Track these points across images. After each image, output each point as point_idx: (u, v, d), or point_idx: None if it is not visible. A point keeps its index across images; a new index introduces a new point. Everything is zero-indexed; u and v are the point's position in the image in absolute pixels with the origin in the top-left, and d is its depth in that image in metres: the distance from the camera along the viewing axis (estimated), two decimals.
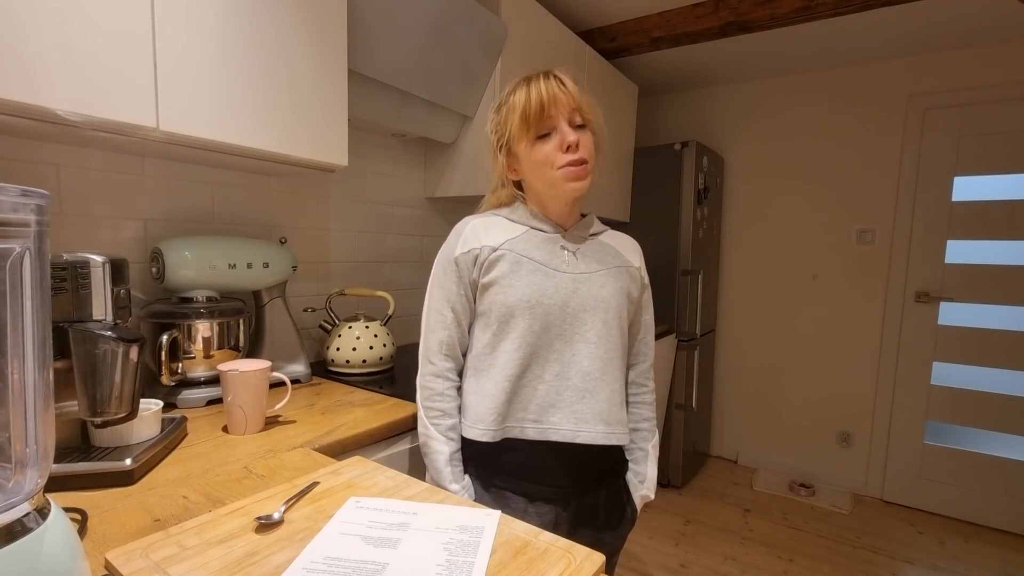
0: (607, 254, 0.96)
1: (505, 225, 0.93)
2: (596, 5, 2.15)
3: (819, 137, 2.80)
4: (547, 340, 0.88)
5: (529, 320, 0.87)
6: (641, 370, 1.03)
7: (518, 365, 0.87)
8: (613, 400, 0.91)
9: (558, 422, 0.88)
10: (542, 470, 0.90)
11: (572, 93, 0.88)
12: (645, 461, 1.00)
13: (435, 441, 0.91)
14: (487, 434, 0.88)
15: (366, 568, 0.52)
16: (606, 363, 0.90)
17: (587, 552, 0.56)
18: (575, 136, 0.86)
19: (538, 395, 0.88)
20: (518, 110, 0.88)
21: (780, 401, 2.98)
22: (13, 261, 0.40)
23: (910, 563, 2.15)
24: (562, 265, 0.90)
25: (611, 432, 0.90)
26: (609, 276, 0.92)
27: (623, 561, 2.10)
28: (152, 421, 0.84)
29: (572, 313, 0.88)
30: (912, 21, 2.18)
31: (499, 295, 0.88)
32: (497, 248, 0.89)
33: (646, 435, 1.01)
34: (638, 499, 0.99)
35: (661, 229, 2.71)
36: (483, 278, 0.90)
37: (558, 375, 0.88)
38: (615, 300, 0.91)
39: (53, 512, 0.44)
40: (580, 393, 0.88)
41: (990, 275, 2.44)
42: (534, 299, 0.87)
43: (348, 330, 1.38)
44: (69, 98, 0.79)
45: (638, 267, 0.99)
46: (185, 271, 1.08)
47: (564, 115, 0.87)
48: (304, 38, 1.13)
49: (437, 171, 1.87)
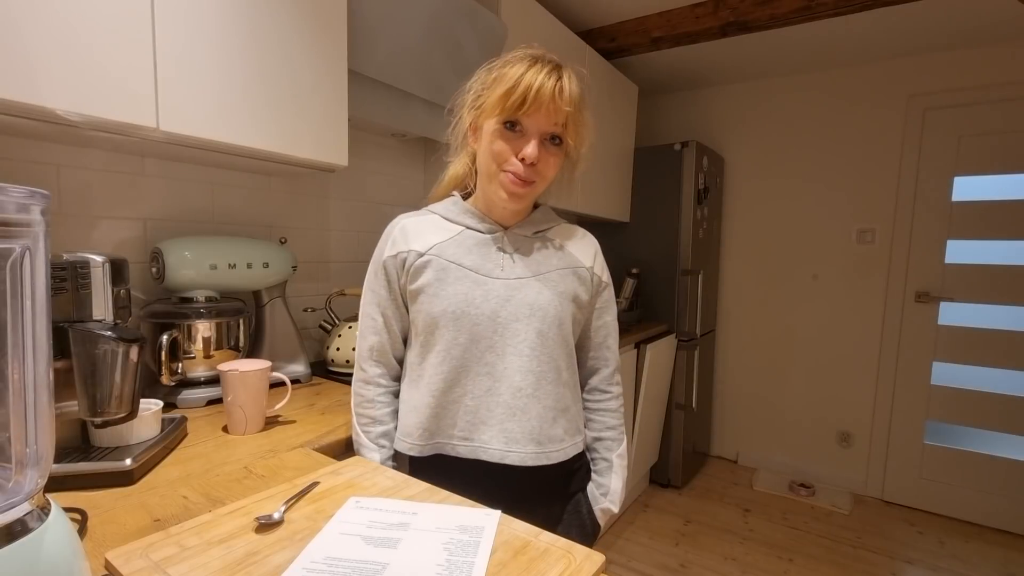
0: (552, 255, 0.87)
1: (438, 225, 0.87)
2: (596, 5, 2.15)
3: (819, 137, 2.80)
4: (476, 353, 0.81)
5: (454, 332, 0.80)
6: (603, 376, 0.95)
7: (443, 380, 0.82)
8: (545, 417, 0.83)
9: (487, 440, 0.81)
10: (477, 489, 0.81)
11: (561, 108, 0.78)
12: (609, 472, 0.92)
13: (366, 449, 0.87)
14: (414, 448, 0.84)
15: (366, 568, 0.52)
16: (539, 377, 0.82)
17: (587, 552, 0.56)
18: (535, 152, 0.78)
19: (467, 411, 0.82)
20: (503, 85, 0.78)
21: (780, 401, 2.98)
22: (14, 261, 0.40)
23: (910, 563, 2.15)
24: (495, 270, 0.83)
25: (542, 452, 0.82)
26: (548, 281, 0.84)
27: (623, 561, 2.10)
28: (152, 421, 0.84)
29: (503, 323, 0.81)
30: (912, 21, 2.18)
31: (424, 304, 0.82)
32: (424, 253, 0.83)
33: (610, 444, 0.93)
34: (598, 512, 0.91)
35: (661, 229, 2.71)
36: (410, 285, 0.84)
37: (488, 390, 0.81)
38: (554, 307, 0.83)
39: (53, 512, 0.44)
40: (510, 411, 0.81)
41: (990, 275, 2.44)
42: (459, 309, 0.80)
43: (348, 330, 1.38)
44: (69, 98, 0.79)
45: (589, 267, 0.90)
46: (185, 271, 1.08)
47: (543, 121, 0.78)
48: (304, 38, 1.13)
49: (437, 171, 1.85)
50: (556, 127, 0.79)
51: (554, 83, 0.77)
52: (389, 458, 0.88)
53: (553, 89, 0.77)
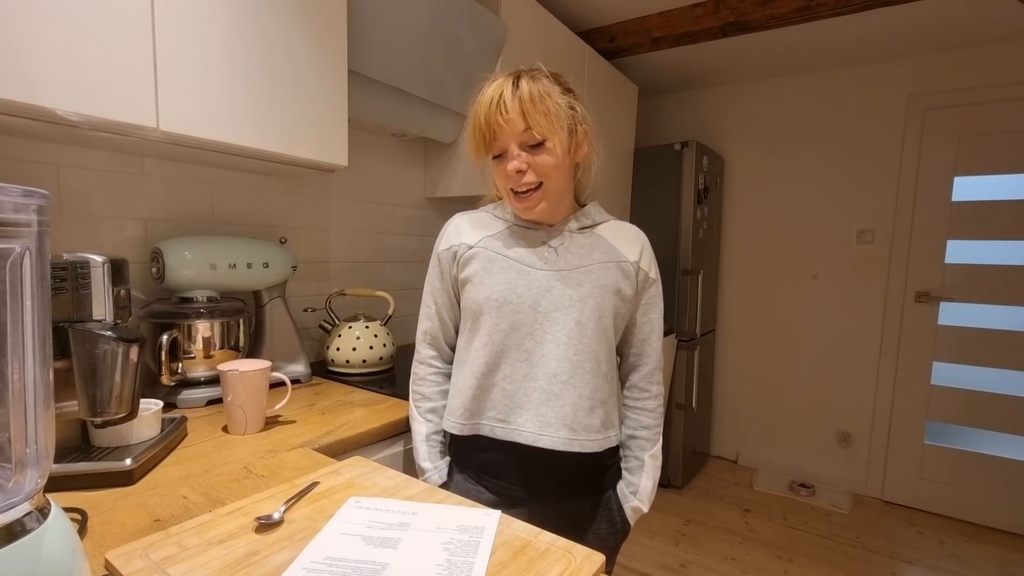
0: (596, 248, 0.90)
1: (488, 222, 0.93)
2: (596, 5, 2.15)
3: (819, 137, 2.80)
4: (516, 339, 0.86)
5: (496, 319, 0.86)
6: (643, 373, 0.96)
7: (485, 363, 0.87)
8: (581, 405, 0.85)
9: (523, 424, 0.85)
10: (510, 471, 0.88)
11: (518, 108, 0.80)
12: (640, 471, 0.93)
13: (415, 421, 0.96)
14: (456, 427, 0.90)
15: (366, 568, 0.52)
16: (576, 366, 0.85)
17: (587, 552, 0.56)
18: (518, 163, 0.82)
19: (506, 395, 0.86)
20: (471, 123, 0.85)
21: (780, 401, 2.98)
22: (13, 261, 0.40)
23: (910, 563, 2.15)
24: (539, 262, 0.88)
25: (574, 439, 0.85)
26: (590, 273, 0.87)
27: (622, 561, 2.10)
28: (152, 421, 0.84)
29: (544, 312, 0.85)
30: (912, 21, 2.18)
31: (471, 292, 0.88)
32: (473, 246, 0.90)
33: (643, 444, 0.94)
34: (628, 511, 0.93)
35: (661, 229, 2.71)
36: (460, 274, 0.91)
37: (527, 376, 0.86)
38: (593, 298, 0.86)
39: (53, 512, 0.44)
40: (545, 396, 0.85)
41: (990, 275, 2.44)
42: (502, 297, 0.85)
43: (348, 330, 1.38)
44: (69, 98, 0.79)
45: (634, 261, 0.92)
46: (185, 271, 1.08)
47: (510, 139, 0.83)
48: (304, 38, 1.13)
49: (437, 171, 1.86)
50: (524, 134, 0.82)
51: (498, 99, 0.81)
52: (435, 432, 0.95)
53: (498, 107, 0.81)
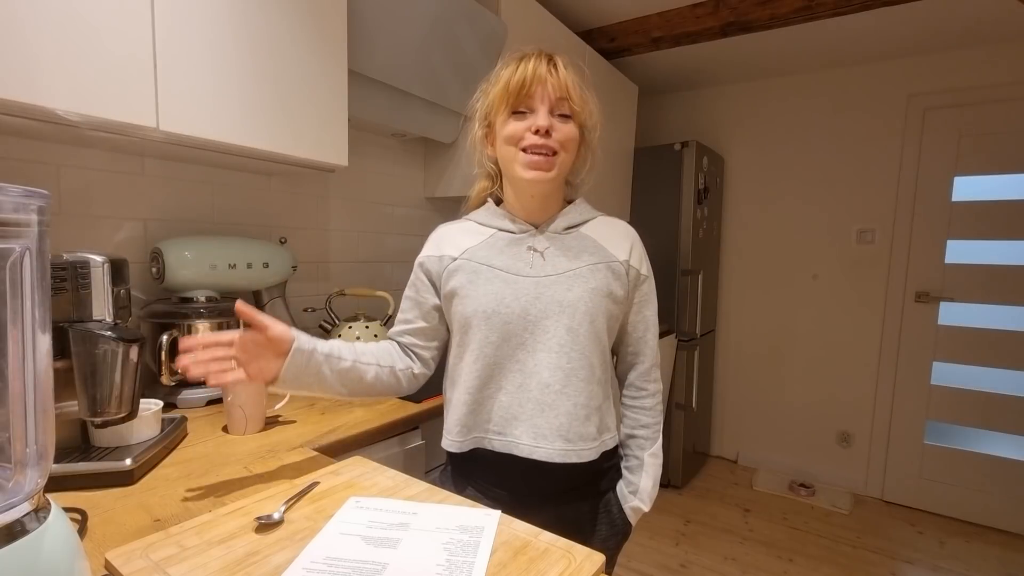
0: (584, 250, 0.87)
1: (472, 230, 0.90)
2: (596, 5, 2.15)
3: (819, 137, 2.80)
4: (508, 351, 0.83)
5: (486, 331, 0.83)
6: (641, 371, 0.95)
7: (477, 377, 0.84)
8: (576, 415, 0.83)
9: (519, 435, 0.83)
10: (509, 482, 0.87)
11: (562, 80, 0.81)
12: (640, 470, 0.92)
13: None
14: (454, 445, 0.87)
15: (366, 568, 0.52)
16: (569, 374, 0.82)
17: (587, 552, 0.56)
18: (547, 121, 0.80)
19: (501, 407, 0.84)
20: (502, 81, 0.83)
21: (780, 401, 2.98)
22: (13, 261, 0.40)
23: (910, 563, 2.15)
24: (525, 268, 0.84)
25: (570, 449, 0.82)
26: (579, 276, 0.84)
27: (622, 561, 2.10)
28: (152, 421, 0.84)
29: (533, 321, 0.82)
30: (912, 21, 2.18)
31: (458, 306, 0.85)
32: (457, 257, 0.87)
33: (643, 443, 0.93)
34: (629, 511, 0.92)
35: (661, 229, 2.70)
36: (445, 288, 0.88)
37: (520, 386, 0.83)
38: (584, 303, 0.83)
39: (53, 512, 0.44)
40: (539, 406, 0.82)
41: (990, 275, 2.44)
42: (491, 309, 0.82)
43: (348, 330, 1.38)
44: (69, 98, 0.79)
45: (624, 260, 0.89)
46: (185, 271, 1.08)
47: (546, 99, 0.81)
48: (304, 38, 1.13)
49: (437, 171, 1.86)
50: (561, 102, 0.82)
51: (547, 64, 0.82)
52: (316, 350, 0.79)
53: (547, 68, 0.82)
